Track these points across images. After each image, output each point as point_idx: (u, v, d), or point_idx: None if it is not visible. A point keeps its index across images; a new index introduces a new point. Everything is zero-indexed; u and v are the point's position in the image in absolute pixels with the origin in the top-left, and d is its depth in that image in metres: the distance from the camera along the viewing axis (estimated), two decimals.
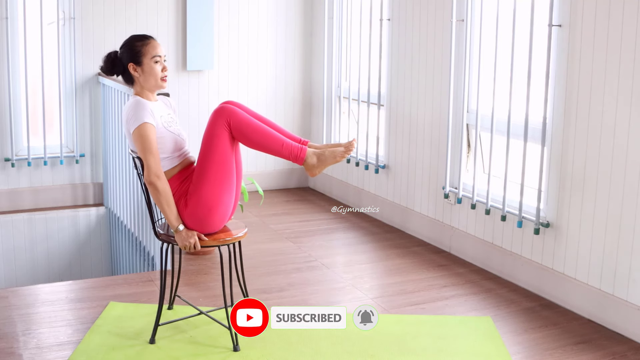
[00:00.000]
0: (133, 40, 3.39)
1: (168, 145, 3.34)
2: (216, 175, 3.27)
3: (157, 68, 3.35)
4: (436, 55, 4.86)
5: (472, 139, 4.70)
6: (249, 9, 6.24)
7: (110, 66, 3.40)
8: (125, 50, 3.37)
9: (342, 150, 3.34)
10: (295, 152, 3.29)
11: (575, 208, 3.86)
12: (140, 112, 3.25)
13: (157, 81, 3.37)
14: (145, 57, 3.34)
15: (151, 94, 3.41)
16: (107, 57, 3.41)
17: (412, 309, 3.90)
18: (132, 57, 3.35)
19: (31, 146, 5.71)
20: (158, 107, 3.40)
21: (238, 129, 3.25)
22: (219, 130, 3.25)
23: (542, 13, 3.99)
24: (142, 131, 3.23)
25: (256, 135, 3.26)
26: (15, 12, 5.52)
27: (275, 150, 3.29)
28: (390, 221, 5.47)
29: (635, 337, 3.56)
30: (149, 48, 3.35)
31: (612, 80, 3.60)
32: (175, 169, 3.36)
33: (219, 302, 3.88)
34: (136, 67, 3.35)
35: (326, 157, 3.33)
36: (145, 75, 3.35)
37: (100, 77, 5.72)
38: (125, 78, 3.43)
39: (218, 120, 3.26)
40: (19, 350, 3.31)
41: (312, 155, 3.32)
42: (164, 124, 3.35)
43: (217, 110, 3.28)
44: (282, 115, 6.50)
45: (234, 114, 3.26)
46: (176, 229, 3.27)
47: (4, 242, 5.55)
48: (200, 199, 3.27)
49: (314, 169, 3.34)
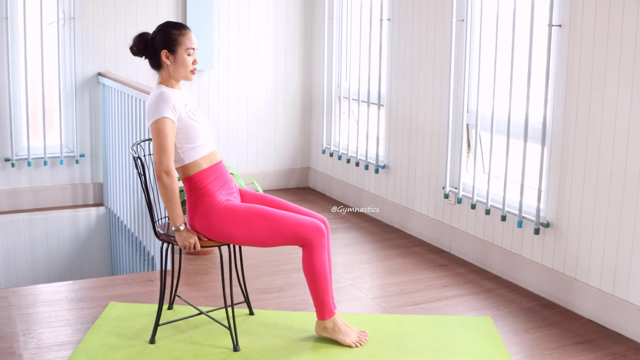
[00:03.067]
0: (170, 27, 3.33)
1: (194, 134, 3.29)
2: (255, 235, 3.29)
3: (189, 60, 3.32)
4: (436, 55, 4.86)
5: (472, 139, 4.70)
6: (249, 9, 6.24)
7: (142, 47, 3.33)
8: (160, 36, 3.31)
9: (354, 338, 3.41)
10: (326, 307, 3.36)
11: (575, 208, 3.86)
12: (162, 106, 3.21)
13: (186, 73, 3.33)
14: (180, 47, 3.29)
15: (176, 83, 3.37)
16: (139, 38, 3.34)
17: (412, 309, 3.90)
18: (166, 44, 3.29)
19: (31, 146, 5.71)
20: (183, 96, 3.36)
21: (311, 256, 3.29)
22: (299, 237, 3.27)
23: (542, 13, 3.99)
24: (159, 125, 3.20)
25: (318, 272, 3.31)
26: (15, 12, 5.52)
27: (315, 291, 3.33)
28: (390, 221, 5.47)
29: (635, 337, 3.56)
30: (185, 39, 3.30)
31: (612, 80, 3.60)
32: (203, 162, 3.31)
33: (219, 302, 3.88)
34: (169, 55, 3.29)
35: (337, 332, 3.40)
36: (177, 65, 3.31)
37: (100, 77, 5.72)
38: (152, 62, 3.36)
39: (310, 232, 3.27)
40: (19, 350, 3.31)
41: (331, 321, 3.39)
42: (189, 113, 3.31)
43: (321, 229, 3.29)
44: (282, 115, 6.51)
45: (321, 247, 3.30)
46: (177, 228, 3.26)
47: (4, 242, 5.55)
48: (224, 231, 3.27)
49: (323, 331, 3.42)
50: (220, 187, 3.33)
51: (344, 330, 3.41)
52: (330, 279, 3.38)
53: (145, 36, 3.34)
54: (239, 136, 6.35)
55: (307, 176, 6.68)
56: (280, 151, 6.56)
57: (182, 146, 3.28)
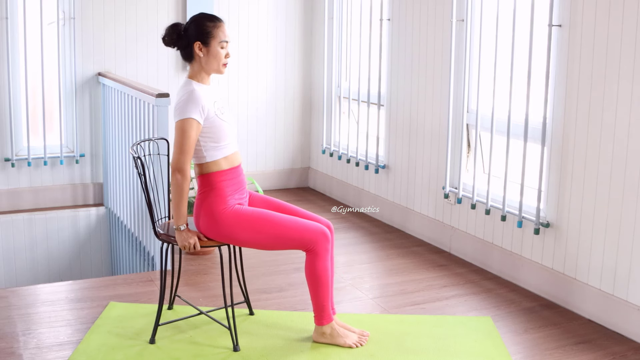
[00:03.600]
0: (204, 19, 3.30)
1: (220, 134, 3.27)
2: (262, 239, 3.30)
3: (222, 53, 3.29)
4: (436, 55, 4.86)
5: (472, 139, 4.70)
6: (248, 9, 6.24)
7: (175, 37, 3.30)
8: (194, 27, 3.28)
9: (355, 339, 3.41)
10: (325, 312, 3.36)
11: (575, 208, 3.86)
12: (190, 106, 3.18)
13: (219, 66, 3.30)
14: (214, 39, 3.26)
15: (207, 77, 3.33)
16: (172, 28, 3.31)
17: (412, 309, 3.90)
18: (200, 35, 3.26)
19: (31, 146, 5.71)
20: (212, 93, 3.33)
21: (315, 260, 3.29)
22: (304, 242, 3.27)
23: (542, 13, 3.99)
24: (184, 125, 3.17)
25: (321, 277, 3.30)
26: (15, 12, 5.52)
27: (315, 296, 3.33)
28: (390, 221, 5.47)
29: (635, 337, 3.56)
30: (219, 31, 3.28)
31: (612, 80, 3.60)
32: (223, 163, 3.29)
33: (219, 302, 3.88)
34: (202, 47, 3.26)
35: (336, 337, 3.39)
36: (210, 57, 3.27)
37: (100, 77, 5.72)
38: (184, 54, 3.33)
39: (315, 237, 3.27)
40: (19, 350, 3.31)
41: (329, 327, 3.39)
42: (217, 111, 3.28)
43: (326, 235, 3.29)
44: (282, 115, 6.51)
45: (325, 253, 3.30)
46: (177, 227, 3.26)
47: (4, 242, 5.54)
48: (230, 234, 3.26)
49: (321, 337, 3.41)
50: (234, 191, 3.31)
51: (343, 333, 3.40)
52: (331, 284, 3.38)
53: (178, 27, 3.31)
54: (239, 136, 6.35)
55: (307, 176, 6.68)
56: (280, 151, 6.56)
57: (207, 144, 3.26)
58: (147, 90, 4.47)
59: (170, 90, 5.87)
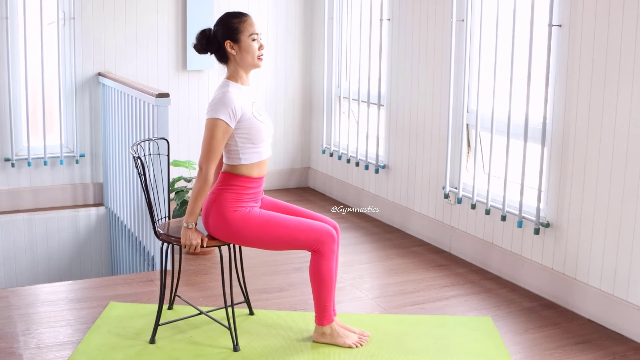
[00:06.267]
0: (229, 17, 3.28)
1: (257, 135, 3.23)
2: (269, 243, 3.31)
3: (255, 45, 3.26)
4: (436, 55, 4.86)
5: (472, 139, 4.70)
6: (248, 9, 6.24)
7: (205, 43, 3.27)
8: (221, 27, 3.25)
9: (355, 339, 3.41)
10: (326, 313, 3.36)
11: (575, 208, 3.86)
12: (222, 107, 3.15)
13: (254, 59, 3.26)
14: (242, 34, 3.24)
15: (246, 75, 3.30)
16: (201, 34, 3.28)
17: (412, 309, 3.90)
18: (228, 34, 3.24)
19: (31, 146, 5.71)
20: (250, 93, 3.30)
21: (320, 261, 3.28)
22: (311, 243, 3.26)
23: (542, 13, 3.99)
24: (212, 125, 3.14)
25: (325, 278, 3.29)
26: (15, 12, 5.52)
27: (318, 296, 3.32)
28: (390, 221, 5.47)
29: (635, 337, 3.56)
30: (247, 25, 3.25)
31: (612, 80, 3.60)
32: (254, 170, 3.27)
33: (219, 302, 3.88)
34: (233, 45, 3.24)
35: (336, 337, 3.39)
36: (243, 53, 3.24)
37: (100, 77, 5.72)
38: (219, 56, 3.30)
39: (321, 236, 3.26)
40: (19, 350, 3.31)
41: (329, 327, 3.38)
42: (254, 112, 3.24)
43: (333, 236, 3.28)
44: (282, 115, 6.51)
45: (330, 254, 3.29)
46: (186, 225, 3.22)
47: (4, 242, 5.55)
48: (238, 235, 3.26)
49: (321, 337, 3.41)
50: (251, 199, 3.30)
51: (343, 333, 3.40)
52: (334, 285, 3.38)
53: (206, 32, 3.28)
54: None
55: (307, 176, 6.68)
56: (280, 151, 6.56)
57: (244, 146, 3.23)
58: (147, 90, 4.47)
59: (170, 90, 5.88)
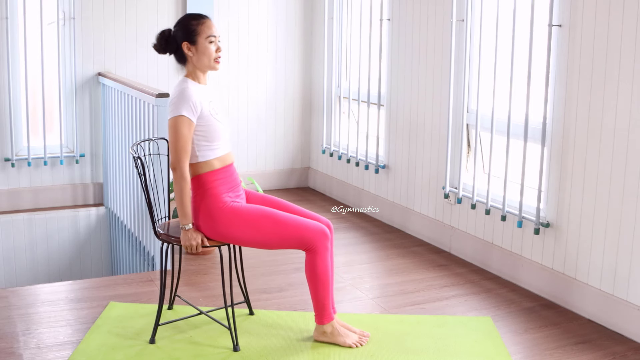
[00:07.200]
0: (188, 19, 3.31)
1: (213, 134, 3.27)
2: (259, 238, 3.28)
3: (212, 48, 3.29)
4: (436, 55, 4.86)
5: (472, 139, 4.70)
6: (248, 8, 6.24)
7: (164, 44, 3.32)
8: (180, 29, 3.30)
9: (355, 339, 3.40)
10: (325, 311, 3.35)
11: (575, 208, 3.86)
12: (182, 103, 3.19)
13: (210, 61, 3.30)
14: (200, 36, 3.27)
15: (202, 75, 3.34)
16: (160, 35, 3.33)
17: (412, 309, 3.90)
18: (186, 35, 3.28)
19: (31, 146, 5.71)
20: (207, 92, 3.33)
21: (315, 259, 3.27)
22: (304, 241, 3.25)
23: (542, 13, 3.99)
24: (176, 123, 3.18)
25: (321, 276, 3.29)
26: (15, 12, 5.52)
27: (316, 295, 3.32)
28: (390, 221, 5.47)
29: (635, 337, 3.56)
30: (204, 27, 3.28)
31: (612, 80, 3.60)
32: (215, 163, 3.29)
33: (219, 302, 3.88)
34: (190, 47, 3.28)
35: (336, 336, 3.38)
36: (199, 55, 3.28)
37: (100, 77, 5.72)
38: (177, 57, 3.35)
39: (315, 236, 3.25)
40: (19, 350, 3.31)
41: (330, 326, 3.38)
42: (211, 110, 3.28)
43: (325, 233, 3.27)
44: (282, 115, 6.51)
45: (324, 251, 3.28)
46: (183, 227, 3.24)
47: (4, 242, 5.54)
48: (229, 232, 3.25)
49: (322, 336, 3.40)
50: (228, 189, 3.31)
51: (343, 332, 3.40)
52: (331, 283, 3.38)
53: (166, 33, 3.33)
54: (239, 136, 6.35)
55: (307, 176, 6.68)
56: (280, 151, 6.56)
57: (200, 144, 3.26)
58: (147, 90, 4.47)
59: (170, 90, 5.86)
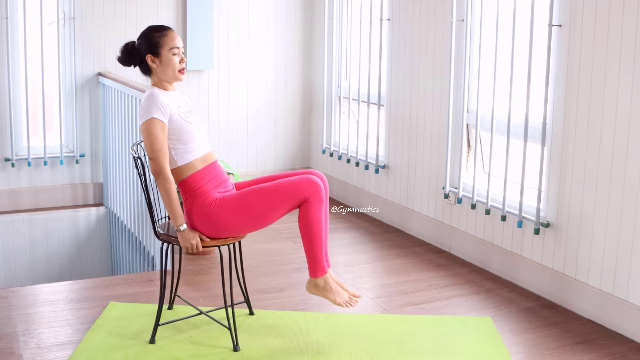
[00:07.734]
0: (151, 31, 3.33)
1: (186, 136, 3.26)
2: (253, 217, 3.24)
3: (175, 60, 3.30)
4: (436, 55, 4.86)
5: (472, 139, 4.70)
6: (249, 8, 6.24)
7: (127, 57, 3.34)
8: (143, 42, 3.31)
9: (345, 298, 3.34)
10: (319, 264, 3.29)
11: (575, 208, 3.86)
12: (150, 107, 3.20)
13: (174, 73, 3.32)
14: (163, 48, 3.28)
15: (169, 85, 3.36)
16: (124, 48, 3.35)
17: (412, 309, 3.90)
18: (150, 48, 3.29)
19: (31, 146, 5.71)
20: (175, 98, 3.34)
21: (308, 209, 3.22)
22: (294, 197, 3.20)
23: (542, 13, 3.99)
24: (148, 127, 3.19)
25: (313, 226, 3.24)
26: (15, 12, 5.52)
27: (308, 246, 3.26)
28: (390, 221, 5.47)
29: (635, 337, 3.56)
30: (167, 39, 3.29)
31: (612, 80, 3.60)
32: (196, 164, 3.27)
33: (219, 302, 3.88)
34: (154, 59, 3.30)
35: (329, 291, 3.33)
36: (163, 66, 3.30)
37: (100, 77, 5.72)
38: (142, 69, 3.38)
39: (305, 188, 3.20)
40: (19, 350, 3.31)
41: (322, 279, 3.32)
42: (182, 114, 3.28)
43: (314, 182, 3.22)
44: (282, 115, 6.51)
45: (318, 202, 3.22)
46: (177, 228, 3.25)
47: (4, 242, 5.55)
48: (225, 224, 3.24)
49: (314, 289, 3.35)
50: (216, 186, 3.31)
51: (335, 289, 3.34)
52: (325, 236, 3.33)
53: (129, 45, 3.36)
54: (239, 136, 6.35)
55: None
56: (280, 151, 6.56)
57: (175, 147, 3.26)
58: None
59: None
